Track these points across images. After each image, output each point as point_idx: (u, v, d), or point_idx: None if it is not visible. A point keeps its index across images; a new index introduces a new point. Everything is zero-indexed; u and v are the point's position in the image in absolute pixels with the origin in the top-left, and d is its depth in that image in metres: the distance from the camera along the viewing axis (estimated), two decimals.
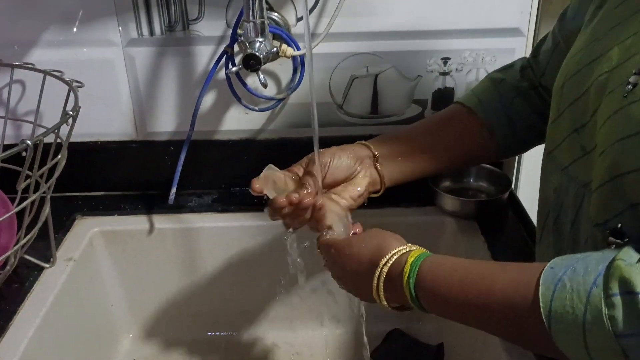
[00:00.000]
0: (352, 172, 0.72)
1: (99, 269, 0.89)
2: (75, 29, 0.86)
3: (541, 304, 0.45)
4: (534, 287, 0.46)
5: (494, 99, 0.74)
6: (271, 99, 0.89)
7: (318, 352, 0.94)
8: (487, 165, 0.93)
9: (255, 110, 0.89)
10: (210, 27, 0.86)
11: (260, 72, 0.78)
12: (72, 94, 0.74)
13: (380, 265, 0.57)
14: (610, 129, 0.49)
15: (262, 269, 0.93)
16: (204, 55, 0.88)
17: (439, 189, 0.90)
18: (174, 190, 0.87)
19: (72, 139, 0.90)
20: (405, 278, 0.56)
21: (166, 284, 0.93)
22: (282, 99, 0.89)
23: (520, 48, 0.89)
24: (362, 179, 0.72)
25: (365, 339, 0.80)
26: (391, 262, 0.57)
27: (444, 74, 0.90)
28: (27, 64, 0.83)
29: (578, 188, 0.55)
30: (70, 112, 0.67)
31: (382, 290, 0.58)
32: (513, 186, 0.99)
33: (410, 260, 0.56)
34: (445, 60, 0.89)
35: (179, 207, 0.92)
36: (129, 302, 0.93)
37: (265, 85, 0.77)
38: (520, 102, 0.74)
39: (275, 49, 0.80)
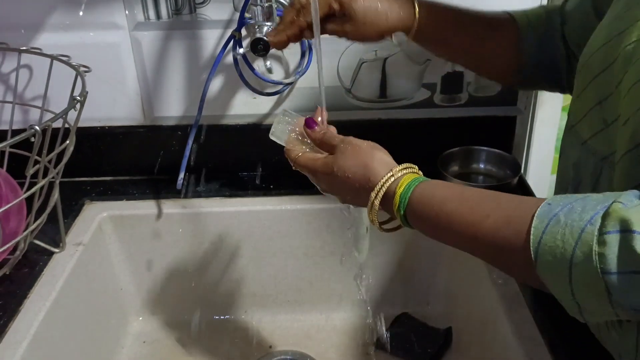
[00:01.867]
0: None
1: (107, 253, 0.90)
2: (81, 13, 0.85)
3: (531, 236, 0.46)
4: (528, 221, 0.46)
5: (540, 24, 0.71)
6: (279, 83, 0.88)
7: (327, 335, 0.94)
8: (496, 150, 0.93)
9: (263, 95, 0.88)
10: (218, 11, 0.86)
11: (266, 58, 0.77)
12: (79, 78, 0.74)
13: (371, 199, 0.57)
14: (635, 96, 0.48)
15: (269, 253, 0.93)
16: (211, 39, 0.87)
17: (447, 173, 0.89)
18: (182, 175, 0.87)
19: (79, 124, 0.90)
20: (396, 208, 0.56)
21: (174, 268, 0.93)
22: (290, 84, 0.89)
23: None
24: (385, 20, 0.68)
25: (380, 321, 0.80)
26: (381, 193, 0.57)
27: None
28: (34, 48, 0.83)
29: (597, 162, 0.55)
30: (78, 98, 0.66)
31: (376, 220, 0.59)
32: (522, 170, 0.99)
33: (399, 191, 0.56)
34: None
35: (186, 192, 0.92)
36: (137, 285, 0.94)
37: (270, 71, 0.77)
38: (554, 40, 0.71)
39: None
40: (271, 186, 0.94)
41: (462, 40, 0.72)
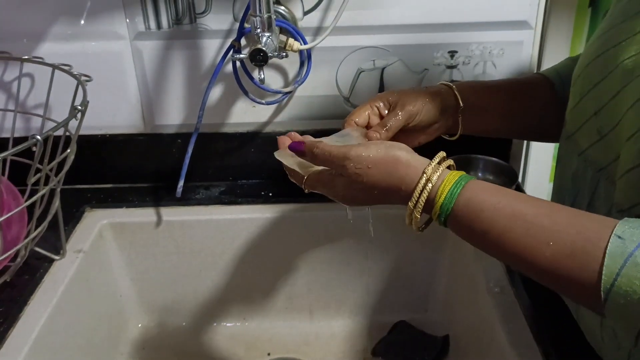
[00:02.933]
0: (432, 122, 0.66)
1: (108, 260, 0.90)
2: (83, 22, 0.86)
3: (603, 277, 0.43)
4: (597, 257, 0.43)
5: (569, 73, 0.70)
6: (278, 92, 0.89)
7: (325, 342, 0.95)
8: (494, 158, 0.93)
9: (262, 104, 0.89)
10: (218, 21, 0.87)
11: (261, 68, 0.78)
12: (80, 87, 0.75)
13: (409, 211, 0.52)
14: None
15: (269, 260, 0.93)
16: (211, 48, 0.88)
17: None
18: (181, 183, 0.87)
19: (81, 132, 0.91)
20: (436, 217, 0.52)
21: (174, 275, 0.94)
22: (289, 92, 0.90)
23: (529, 41, 0.89)
24: (436, 130, 0.67)
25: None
26: (421, 204, 0.52)
27: (451, 67, 0.90)
28: (36, 57, 0.84)
29: (594, 173, 0.55)
30: (79, 107, 0.67)
31: (418, 225, 0.54)
32: (520, 179, 0.99)
33: (439, 201, 0.51)
34: (452, 53, 0.89)
35: (186, 199, 0.93)
36: (137, 292, 0.94)
37: (262, 82, 0.77)
38: None
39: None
40: (270, 194, 0.95)
41: (504, 106, 0.70)
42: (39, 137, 0.60)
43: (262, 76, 0.76)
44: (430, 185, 0.51)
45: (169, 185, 0.93)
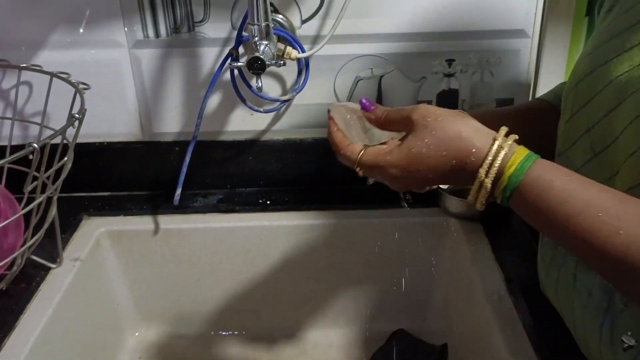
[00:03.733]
0: None
1: (105, 268, 0.90)
2: (82, 31, 0.87)
3: None
4: None
5: None
6: (276, 100, 0.89)
7: (323, 351, 0.94)
8: None
9: (260, 112, 0.89)
10: (216, 29, 0.87)
11: (259, 76, 0.78)
12: (78, 95, 0.75)
13: (480, 177, 0.50)
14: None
15: (267, 269, 0.93)
16: (210, 56, 0.88)
17: (444, 190, 0.90)
18: (179, 191, 0.87)
19: (78, 140, 0.91)
20: (501, 189, 0.49)
21: (171, 284, 0.94)
22: (287, 101, 0.90)
23: (525, 49, 0.89)
24: None
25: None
26: (494, 170, 0.49)
27: (449, 75, 0.90)
28: (34, 65, 0.84)
29: None
30: (77, 115, 0.67)
31: (483, 200, 0.51)
32: None
33: (508, 171, 0.48)
34: (450, 61, 0.89)
35: (184, 208, 0.93)
36: (135, 301, 0.94)
37: (260, 90, 0.77)
38: None
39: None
40: (268, 202, 0.95)
41: (513, 128, 0.68)
42: (35, 145, 0.59)
43: (260, 84, 0.76)
44: (503, 152, 0.49)
45: (167, 193, 0.93)
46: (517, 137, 0.51)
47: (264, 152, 0.95)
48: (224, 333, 0.97)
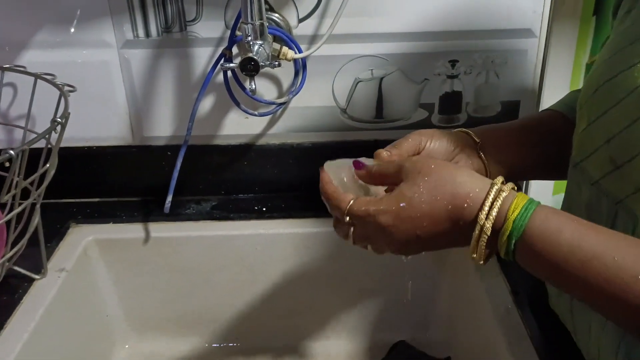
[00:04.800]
0: (450, 159, 0.61)
1: (93, 279, 0.86)
2: (68, 30, 0.83)
3: None
4: None
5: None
6: (271, 103, 0.85)
7: None
8: None
9: (255, 115, 0.86)
10: (209, 28, 0.83)
11: (252, 79, 0.73)
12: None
13: (480, 222, 0.46)
14: None
15: (262, 279, 0.90)
16: (202, 57, 0.85)
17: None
18: (169, 198, 0.84)
19: (66, 144, 0.88)
20: (504, 238, 0.46)
21: (163, 294, 0.90)
22: (283, 104, 0.86)
23: (533, 49, 0.85)
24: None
25: None
26: (494, 213, 0.46)
27: (452, 77, 0.87)
28: (18, 66, 0.80)
29: (610, 205, 0.51)
30: (59, 119, 0.64)
31: (483, 254, 0.48)
32: (523, 190, 0.96)
33: (512, 216, 0.45)
34: (454, 62, 0.86)
35: (176, 215, 0.89)
36: (125, 312, 0.90)
37: (254, 92, 0.73)
38: None
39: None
40: (264, 209, 0.91)
41: (521, 138, 0.65)
42: (12, 152, 0.56)
43: (254, 86, 0.72)
44: (503, 194, 0.46)
45: (159, 199, 0.89)
46: (514, 185, 0.49)
47: (260, 157, 0.91)
48: (218, 345, 0.93)
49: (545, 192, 1.01)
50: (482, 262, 0.49)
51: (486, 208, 0.46)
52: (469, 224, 0.47)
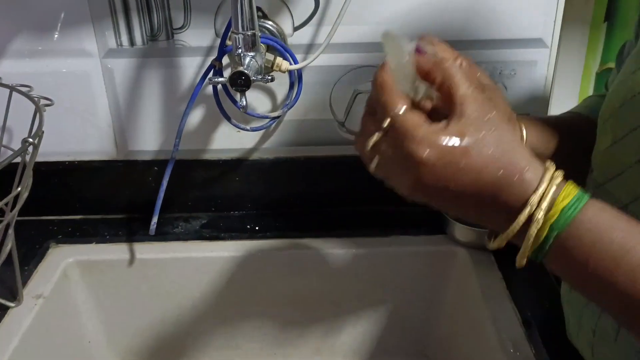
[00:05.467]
0: None
1: (74, 303, 0.81)
2: (46, 39, 0.77)
3: None
4: None
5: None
6: (265, 117, 0.80)
7: None
8: None
9: (247, 130, 0.80)
10: (197, 37, 0.78)
11: (243, 94, 0.68)
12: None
13: (531, 205, 0.39)
14: None
15: (254, 303, 0.85)
16: (191, 67, 0.79)
17: (450, 216, 0.81)
18: (155, 220, 0.78)
19: (46, 159, 0.83)
20: (545, 232, 0.40)
21: (148, 319, 0.85)
22: (277, 117, 0.81)
23: (543, 60, 0.80)
24: None
25: None
26: (547, 200, 0.39)
27: None
28: None
29: None
30: (30, 140, 0.58)
31: (532, 237, 0.40)
32: None
33: (560, 205, 0.39)
34: None
35: (163, 234, 0.84)
36: (107, 338, 0.85)
37: (245, 109, 0.68)
38: None
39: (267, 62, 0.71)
40: (256, 227, 0.86)
41: (562, 146, 0.58)
42: None
43: (245, 103, 0.66)
44: (558, 180, 0.40)
45: (144, 217, 0.84)
46: (562, 173, 0.42)
47: (252, 173, 0.86)
48: None
49: None
50: (524, 260, 0.41)
51: (540, 190, 0.39)
52: (513, 202, 0.40)
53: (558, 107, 0.99)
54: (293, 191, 0.87)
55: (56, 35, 0.77)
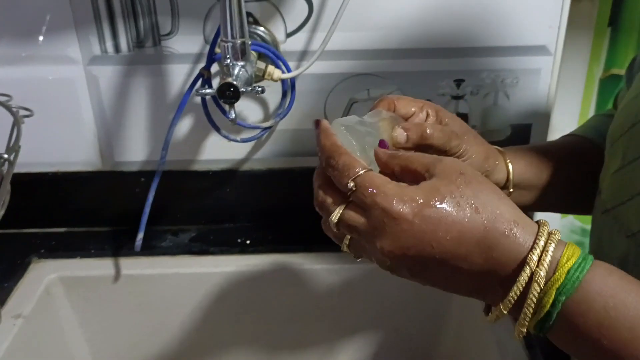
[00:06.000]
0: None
1: (57, 321, 0.77)
2: (28, 45, 0.74)
3: None
4: None
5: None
6: (256, 127, 0.76)
7: None
8: None
9: (237, 141, 0.77)
10: (186, 43, 0.74)
11: (232, 106, 0.64)
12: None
13: (530, 267, 0.35)
14: None
15: (245, 321, 0.81)
16: (179, 75, 0.76)
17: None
18: (140, 235, 0.75)
19: (28, 169, 0.80)
20: (550, 301, 0.35)
21: (135, 337, 0.82)
22: (269, 128, 0.77)
23: (547, 68, 0.77)
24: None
25: None
26: (547, 260, 0.35)
27: (457, 97, 0.78)
28: None
29: None
30: (5, 156, 0.55)
31: (532, 303, 0.36)
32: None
33: (564, 267, 0.35)
34: (459, 82, 0.77)
35: (150, 248, 0.81)
36: (93, 356, 0.82)
37: (233, 122, 0.64)
38: None
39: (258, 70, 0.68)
40: (248, 241, 0.83)
41: (559, 178, 0.56)
42: None
43: (234, 115, 0.63)
44: (557, 238, 0.36)
45: (131, 229, 0.80)
46: (558, 233, 0.37)
47: (244, 184, 0.83)
48: None
49: (553, 214, 0.93)
50: (524, 330, 0.36)
51: (538, 248, 0.35)
52: (506, 262, 0.36)
53: (561, 113, 0.96)
54: (286, 203, 0.84)
55: (38, 42, 0.74)
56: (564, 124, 0.97)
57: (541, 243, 0.36)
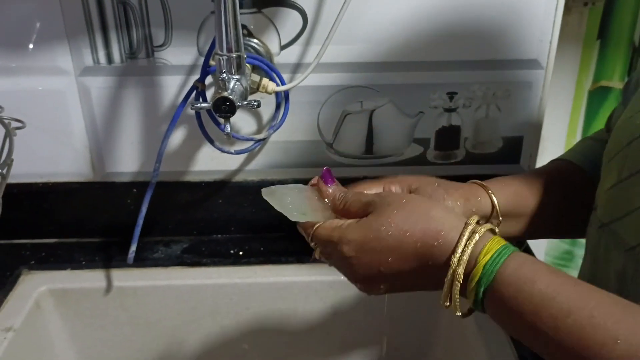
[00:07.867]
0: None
1: (47, 335, 0.77)
2: (19, 55, 0.73)
3: None
4: None
5: (595, 154, 0.59)
6: (249, 139, 0.76)
7: None
8: None
9: (231, 153, 0.76)
10: (179, 54, 0.74)
11: (228, 121, 0.63)
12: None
13: (452, 266, 0.42)
14: None
15: (238, 334, 0.81)
16: (172, 86, 0.75)
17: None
18: (133, 248, 0.74)
19: (19, 180, 0.79)
20: (473, 284, 0.42)
21: (126, 351, 0.81)
22: (263, 139, 0.77)
23: (538, 82, 0.78)
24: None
25: None
26: (466, 256, 0.42)
27: (450, 110, 0.79)
28: None
29: None
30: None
31: (458, 303, 0.44)
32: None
33: (482, 260, 0.42)
34: (452, 94, 0.78)
35: (142, 260, 0.80)
36: None
37: (229, 137, 0.64)
38: None
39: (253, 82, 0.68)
40: (240, 252, 0.82)
41: (546, 206, 0.58)
42: None
43: (229, 129, 0.63)
44: (476, 236, 0.42)
45: (122, 240, 0.80)
46: (492, 226, 0.45)
47: (236, 195, 0.82)
48: None
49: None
50: (459, 313, 0.45)
51: (459, 250, 0.42)
52: (440, 266, 0.43)
53: (551, 124, 0.97)
54: (279, 214, 0.84)
55: (29, 52, 0.73)
56: (553, 134, 0.98)
57: (462, 244, 0.42)
